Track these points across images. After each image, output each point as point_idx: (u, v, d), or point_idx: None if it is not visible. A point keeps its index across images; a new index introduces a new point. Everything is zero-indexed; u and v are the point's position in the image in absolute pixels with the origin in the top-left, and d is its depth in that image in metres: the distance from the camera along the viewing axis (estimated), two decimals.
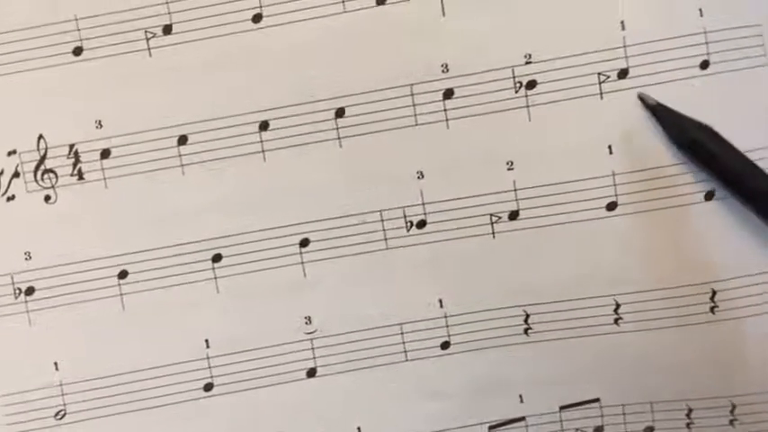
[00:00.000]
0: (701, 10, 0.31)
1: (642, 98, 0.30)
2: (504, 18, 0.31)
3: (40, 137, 0.32)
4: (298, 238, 0.32)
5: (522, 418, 0.33)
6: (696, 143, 0.30)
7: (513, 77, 0.31)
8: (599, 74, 0.31)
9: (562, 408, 0.33)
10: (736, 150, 0.30)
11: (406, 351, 0.33)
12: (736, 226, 0.31)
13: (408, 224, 0.32)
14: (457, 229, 0.32)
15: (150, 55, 0.32)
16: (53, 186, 0.32)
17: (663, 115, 0.30)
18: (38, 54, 0.32)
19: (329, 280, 0.33)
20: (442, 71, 0.31)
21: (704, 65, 0.31)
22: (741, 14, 0.31)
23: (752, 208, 0.30)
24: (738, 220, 0.31)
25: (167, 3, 0.31)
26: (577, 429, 0.33)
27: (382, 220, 0.32)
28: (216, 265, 0.32)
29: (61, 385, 0.33)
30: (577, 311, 0.32)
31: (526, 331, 0.33)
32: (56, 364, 0.33)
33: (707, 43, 0.31)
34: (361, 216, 0.32)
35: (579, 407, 0.33)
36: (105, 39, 0.32)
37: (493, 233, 0.32)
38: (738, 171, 0.30)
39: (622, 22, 0.31)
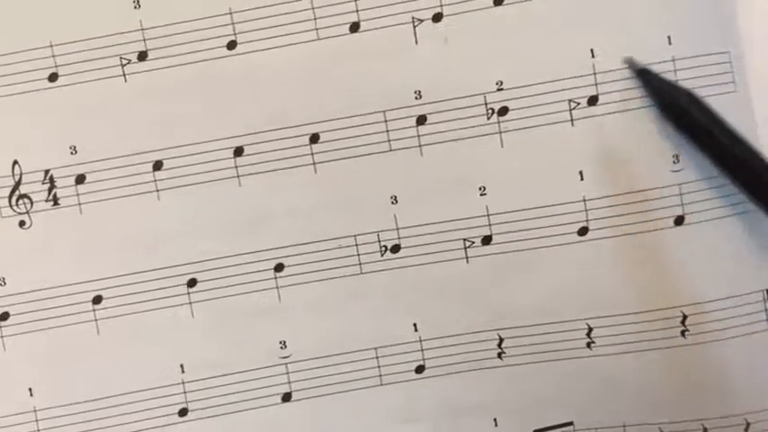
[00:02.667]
0: (669, 38, 0.31)
1: (629, 62, 0.31)
2: (475, 46, 0.31)
3: (15, 162, 0.32)
4: (273, 263, 0.33)
5: None
6: (680, 109, 0.30)
7: (486, 104, 0.32)
8: (570, 100, 0.31)
9: (536, 431, 0.33)
10: (720, 119, 0.30)
11: (380, 375, 0.33)
12: (706, 251, 0.31)
13: (383, 249, 0.32)
14: (431, 253, 0.32)
15: (126, 81, 0.32)
16: (28, 212, 0.32)
17: (649, 79, 0.31)
18: (13, 80, 0.32)
19: (304, 304, 0.33)
20: (415, 98, 0.32)
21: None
22: (709, 42, 0.31)
23: (731, 177, 0.30)
24: (709, 244, 0.31)
25: (142, 29, 0.32)
26: None
27: (357, 245, 0.32)
28: (191, 289, 0.33)
29: (35, 411, 0.33)
30: (550, 335, 0.32)
31: (500, 355, 0.33)
32: (30, 389, 0.33)
33: (675, 71, 0.31)
34: (335, 241, 0.32)
35: (553, 430, 0.33)
36: (81, 65, 0.32)
37: (466, 258, 0.32)
38: (720, 139, 0.30)
39: (592, 50, 0.31)
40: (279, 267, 0.33)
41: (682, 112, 0.30)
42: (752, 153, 0.30)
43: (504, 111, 0.32)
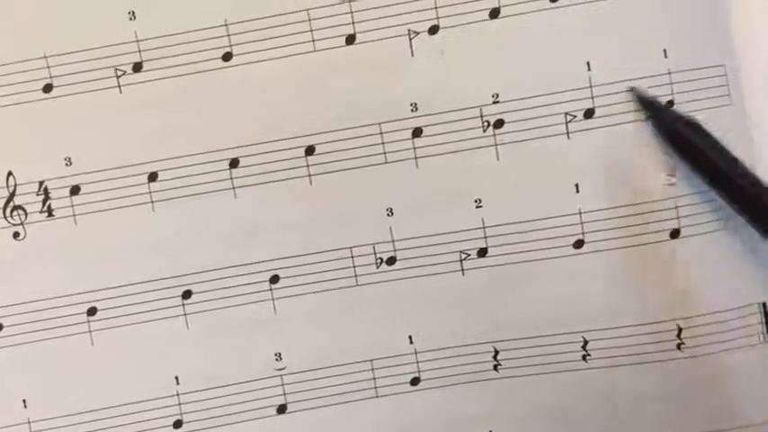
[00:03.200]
0: (665, 51, 0.31)
1: (633, 90, 0.31)
2: (471, 58, 0.31)
3: (9, 173, 0.32)
4: (268, 275, 0.32)
5: None
6: (682, 138, 0.30)
7: (481, 117, 0.32)
8: (566, 113, 0.31)
9: None
10: (723, 147, 0.30)
11: (376, 387, 0.33)
12: (702, 264, 0.31)
13: (378, 261, 0.32)
14: (426, 265, 0.32)
15: (120, 92, 0.32)
16: (22, 223, 0.32)
17: (651, 108, 0.31)
18: (7, 91, 0.32)
19: (299, 316, 0.33)
20: (411, 110, 0.32)
21: (669, 105, 0.31)
22: (705, 55, 0.31)
23: (733, 205, 0.30)
24: (704, 257, 0.31)
25: (137, 41, 0.32)
26: None
27: (352, 257, 0.32)
28: (186, 301, 0.32)
29: (29, 423, 0.33)
30: (546, 348, 0.32)
31: (496, 367, 0.33)
32: (24, 401, 0.33)
33: (671, 84, 0.31)
34: (331, 253, 0.32)
35: None
36: (75, 76, 0.32)
37: (462, 270, 0.32)
38: (722, 168, 0.30)
39: (588, 63, 0.31)
40: (274, 279, 0.32)
41: (684, 140, 0.30)
42: (750, 177, 0.30)
43: (499, 123, 0.32)
